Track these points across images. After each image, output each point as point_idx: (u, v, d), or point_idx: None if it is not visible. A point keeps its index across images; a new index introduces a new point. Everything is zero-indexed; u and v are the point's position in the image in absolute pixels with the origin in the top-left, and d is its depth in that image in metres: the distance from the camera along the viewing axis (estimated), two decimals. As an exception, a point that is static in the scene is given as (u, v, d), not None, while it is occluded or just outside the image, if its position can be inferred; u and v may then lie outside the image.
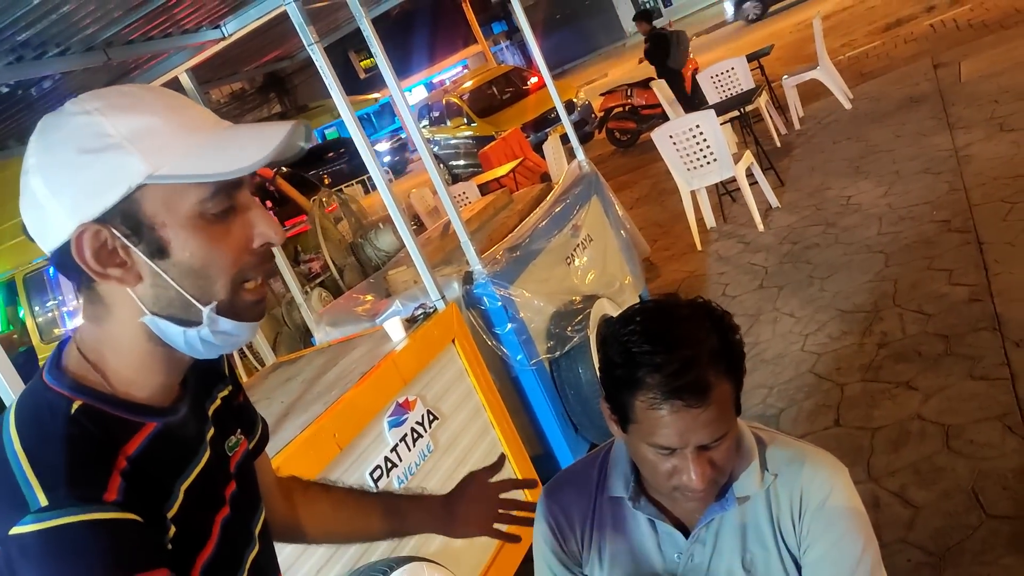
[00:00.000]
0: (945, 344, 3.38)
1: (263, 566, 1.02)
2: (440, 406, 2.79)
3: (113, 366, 0.87)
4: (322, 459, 2.25)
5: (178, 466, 0.89)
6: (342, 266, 4.90)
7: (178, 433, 0.91)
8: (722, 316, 1.18)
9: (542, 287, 3.46)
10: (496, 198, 4.52)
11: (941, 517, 2.49)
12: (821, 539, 1.22)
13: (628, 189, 8.51)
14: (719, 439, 1.14)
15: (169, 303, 0.84)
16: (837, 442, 3.07)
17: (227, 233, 0.84)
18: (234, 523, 0.95)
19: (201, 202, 0.82)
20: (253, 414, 1.18)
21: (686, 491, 1.17)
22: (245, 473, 1.04)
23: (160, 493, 0.85)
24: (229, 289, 0.85)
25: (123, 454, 0.82)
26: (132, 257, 0.82)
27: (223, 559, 0.91)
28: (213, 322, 0.85)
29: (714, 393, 1.11)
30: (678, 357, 1.11)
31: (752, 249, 5.48)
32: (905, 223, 4.78)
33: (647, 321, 1.16)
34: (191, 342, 0.86)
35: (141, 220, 0.81)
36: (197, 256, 0.82)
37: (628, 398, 1.15)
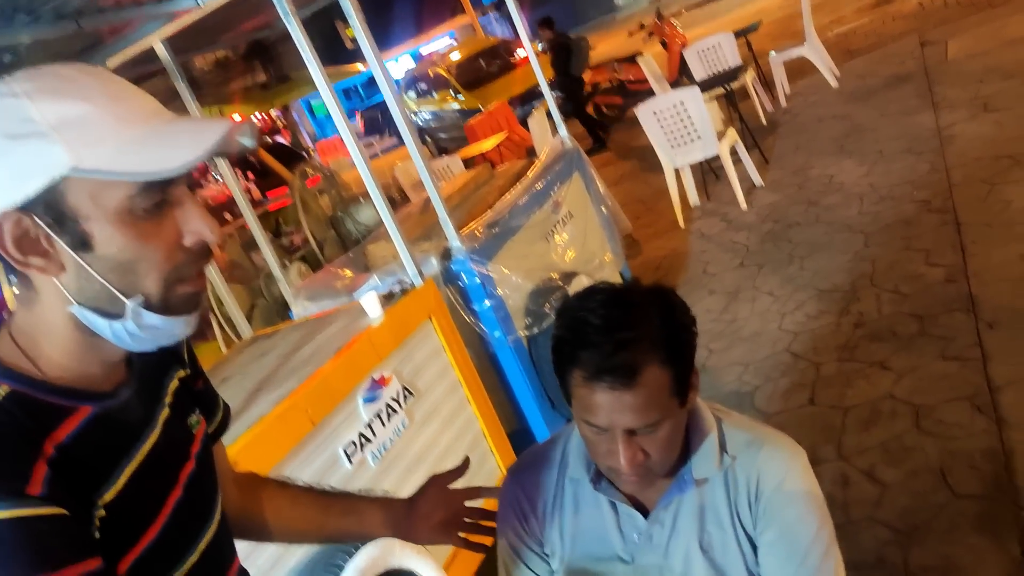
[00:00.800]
0: (919, 324, 3.41)
1: (219, 545, 1.01)
2: (416, 382, 2.79)
3: (46, 351, 0.85)
4: (295, 435, 2.25)
5: (119, 450, 0.88)
6: (322, 240, 4.88)
7: (118, 417, 0.89)
8: (676, 305, 1.19)
9: (521, 264, 3.46)
10: (477, 173, 4.50)
11: (909, 496, 2.52)
12: (776, 521, 1.23)
13: (612, 165, 8.50)
14: (649, 427, 1.14)
15: (95, 295, 0.82)
16: (810, 420, 3.10)
17: (157, 229, 0.82)
18: (188, 504, 0.95)
19: (130, 197, 0.79)
20: (214, 400, 1.18)
21: (617, 474, 1.19)
22: (205, 454, 1.04)
23: (94, 479, 0.84)
24: (160, 286, 0.83)
25: (51, 441, 0.80)
26: (55, 247, 0.80)
27: (171, 540, 0.91)
28: (138, 316, 0.83)
29: (643, 378, 1.12)
30: (614, 338, 1.12)
31: (734, 227, 5.48)
32: (886, 203, 4.80)
33: (600, 301, 1.17)
34: (118, 335, 0.84)
35: (64, 212, 0.78)
36: (124, 252, 0.80)
37: (568, 374, 1.17)
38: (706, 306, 4.44)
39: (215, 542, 0.99)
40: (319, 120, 25.27)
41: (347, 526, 1.33)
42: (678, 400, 1.18)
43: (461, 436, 2.92)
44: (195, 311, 0.88)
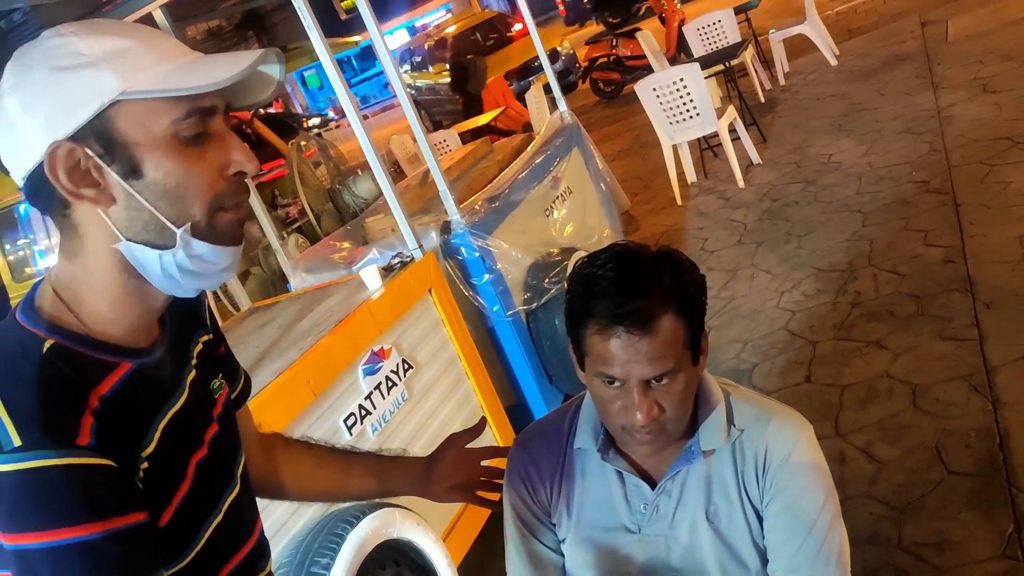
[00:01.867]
0: (917, 304, 3.42)
1: (242, 507, 1.03)
2: (415, 355, 2.79)
3: (88, 304, 0.87)
4: (296, 405, 2.26)
5: (154, 406, 0.89)
6: (319, 212, 4.86)
7: (153, 374, 0.91)
8: (683, 261, 1.21)
9: (520, 238, 3.45)
10: (476, 147, 4.48)
11: (904, 473, 2.55)
12: (783, 493, 1.24)
13: (610, 141, 8.47)
14: (664, 376, 1.15)
15: (144, 226, 0.84)
16: (807, 398, 3.12)
17: (201, 157, 0.84)
18: (211, 464, 0.96)
19: (175, 122, 0.82)
20: (235, 366, 1.18)
21: (633, 431, 1.19)
22: (227, 417, 1.05)
23: (135, 433, 0.85)
24: (205, 213, 0.85)
25: (96, 395, 0.81)
26: (105, 178, 0.82)
27: (199, 498, 0.92)
28: (187, 244, 0.85)
29: (659, 325, 1.13)
30: (627, 285, 1.15)
31: (732, 205, 5.48)
32: (884, 183, 4.80)
33: (612, 258, 1.19)
34: (167, 268, 0.85)
35: (115, 139, 0.81)
36: (171, 177, 0.83)
37: (582, 328, 1.18)
38: (704, 283, 4.44)
39: (237, 505, 1.00)
40: (311, 92, 25.10)
41: (368, 486, 1.36)
42: (691, 355, 1.20)
43: (459, 409, 2.93)
44: (239, 244, 0.90)
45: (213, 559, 0.95)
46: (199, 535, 0.92)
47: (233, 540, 1.00)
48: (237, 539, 1.01)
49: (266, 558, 1.08)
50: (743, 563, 1.26)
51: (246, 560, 1.01)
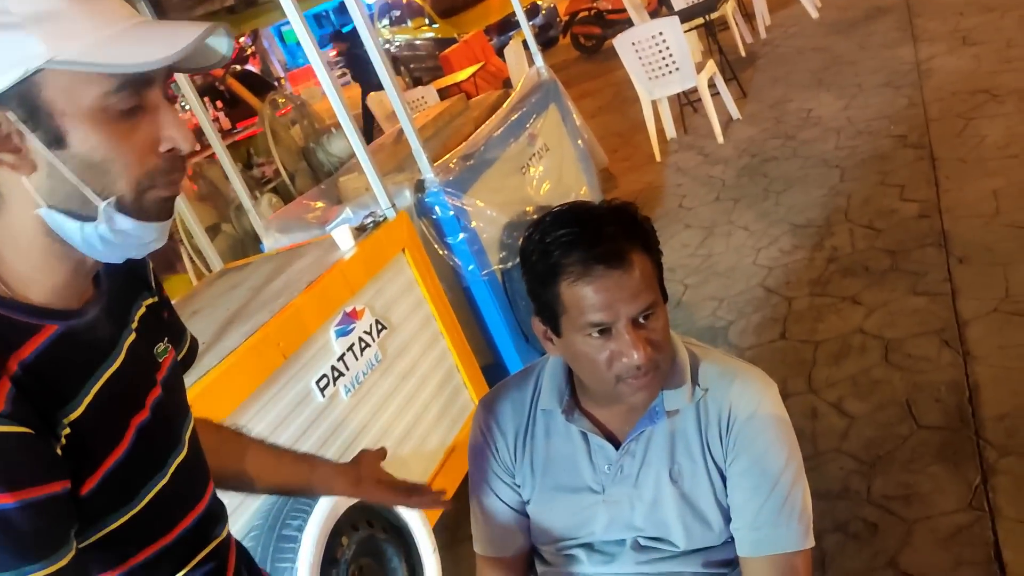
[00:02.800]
0: (892, 259, 3.43)
1: (190, 470, 1.01)
2: (389, 316, 2.77)
3: (10, 265, 0.83)
4: (266, 368, 2.24)
5: (85, 369, 0.87)
6: (293, 171, 4.80)
7: (85, 336, 0.88)
8: (629, 204, 1.23)
9: (496, 197, 3.42)
10: (452, 104, 4.41)
11: (874, 427, 2.57)
12: (746, 451, 1.24)
13: (590, 97, 8.39)
14: (648, 310, 1.16)
15: (66, 196, 0.80)
16: (782, 355, 3.14)
17: (132, 132, 0.80)
18: (153, 427, 0.94)
19: (105, 95, 0.77)
20: (180, 329, 1.15)
21: (630, 374, 1.17)
22: (173, 381, 1.03)
23: (61, 397, 0.83)
24: (133, 189, 0.81)
25: (16, 359, 0.79)
26: (27, 144, 0.78)
27: (140, 461, 0.90)
28: (110, 219, 0.81)
29: (633, 258, 1.15)
30: (589, 229, 1.15)
31: (711, 161, 5.46)
32: (863, 137, 4.79)
33: (561, 218, 1.18)
34: (88, 239, 0.82)
35: (39, 106, 0.76)
36: (97, 151, 0.78)
37: (553, 289, 1.17)
38: (682, 240, 4.44)
39: (185, 467, 0.99)
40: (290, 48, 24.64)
41: (299, 474, 1.34)
42: (662, 293, 1.21)
43: (434, 369, 2.92)
44: (168, 218, 0.86)
45: (157, 521, 0.94)
46: (139, 496, 0.90)
47: (180, 503, 0.98)
48: (184, 502, 0.99)
49: (222, 523, 1.07)
50: (706, 522, 1.26)
51: (196, 524, 1.00)
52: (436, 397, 2.89)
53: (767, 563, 1.22)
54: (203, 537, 1.02)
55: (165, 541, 0.95)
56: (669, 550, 1.28)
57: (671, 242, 4.44)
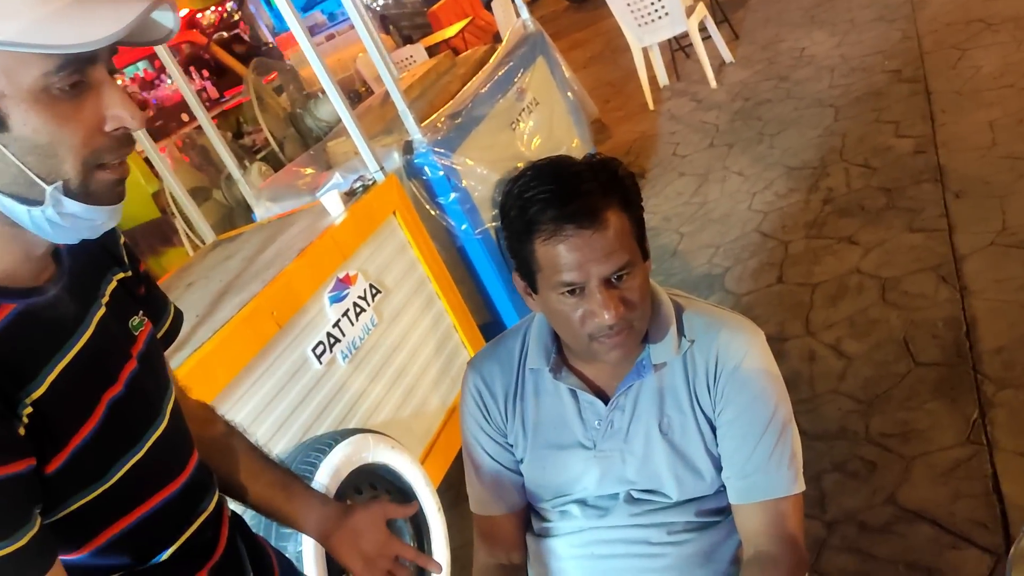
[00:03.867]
0: (888, 197, 3.41)
1: (170, 443, 1.00)
2: (383, 279, 2.77)
3: None
4: (261, 337, 2.24)
5: (47, 347, 0.86)
6: (282, 138, 4.75)
7: (46, 314, 0.87)
8: (612, 159, 1.21)
9: (486, 154, 3.39)
10: (439, 62, 4.36)
11: (872, 367, 2.57)
12: (734, 401, 1.24)
13: (581, 48, 8.28)
14: (622, 271, 1.15)
15: (11, 180, 0.79)
16: (779, 299, 3.13)
17: (76, 111, 0.78)
18: (128, 402, 0.93)
19: (46, 75, 0.75)
20: (161, 305, 1.14)
21: (601, 335, 1.17)
22: (150, 354, 1.02)
23: (22, 377, 0.82)
24: (80, 171, 0.80)
25: None
26: None
27: (111, 437, 0.90)
28: (58, 203, 0.80)
29: (607, 217, 1.13)
30: (565, 186, 1.14)
31: (704, 107, 5.40)
32: (857, 74, 4.73)
33: (539, 172, 1.17)
34: (37, 223, 0.81)
35: None
36: (41, 134, 0.77)
37: (528, 246, 1.16)
38: (677, 189, 4.41)
39: (164, 441, 0.98)
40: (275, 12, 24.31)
41: (271, 498, 1.24)
42: (641, 251, 1.19)
43: (432, 331, 2.92)
44: (118, 201, 0.85)
45: (133, 493, 0.93)
46: (112, 470, 0.90)
47: (157, 477, 0.98)
48: (163, 475, 0.99)
49: (209, 495, 1.07)
50: (697, 472, 1.27)
51: (179, 495, 1.00)
52: (435, 358, 2.90)
53: (758, 509, 1.23)
54: (189, 509, 1.02)
55: (143, 510, 0.95)
56: (662, 501, 1.29)
57: (666, 191, 4.42)
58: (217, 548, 1.06)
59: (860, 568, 2.00)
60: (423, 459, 2.60)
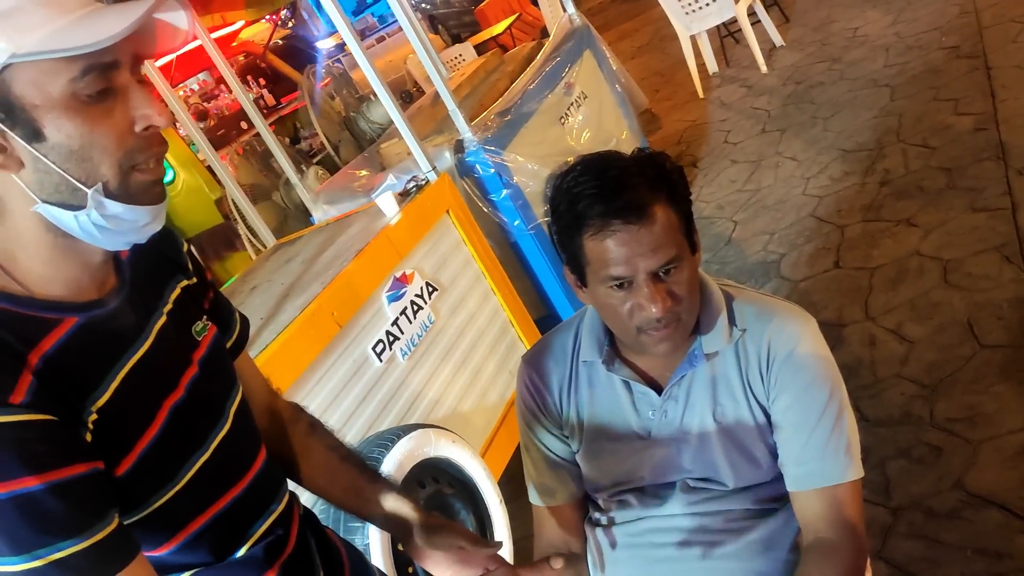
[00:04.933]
0: (948, 177, 3.33)
1: (235, 444, 1.04)
2: (439, 277, 2.82)
3: (23, 264, 0.87)
4: (322, 338, 2.31)
5: (109, 357, 0.91)
6: (337, 142, 4.85)
7: (108, 325, 0.92)
8: (659, 153, 1.22)
9: (536, 150, 3.41)
10: (486, 60, 4.39)
11: (935, 350, 2.53)
12: (789, 388, 1.24)
13: (629, 38, 8.24)
14: (669, 265, 1.16)
15: (55, 187, 0.83)
16: (836, 284, 3.09)
17: (106, 115, 0.83)
18: (189, 406, 0.97)
19: (72, 81, 0.80)
20: (228, 314, 1.18)
21: (649, 328, 1.19)
22: (214, 359, 1.06)
23: (86, 386, 0.87)
24: (117, 172, 0.84)
25: (37, 353, 0.83)
26: (10, 142, 0.82)
27: (176, 440, 0.94)
28: (100, 205, 0.84)
29: (654, 212, 1.14)
30: (613, 181, 1.15)
31: (755, 92, 5.33)
32: (913, 52, 4.62)
33: (587, 167, 1.19)
34: (84, 227, 0.85)
35: (12, 102, 0.80)
36: (74, 139, 0.81)
37: (577, 240, 1.18)
38: (729, 177, 4.38)
39: (229, 441, 1.02)
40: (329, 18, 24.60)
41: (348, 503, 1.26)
42: (689, 244, 1.20)
43: (488, 326, 2.96)
44: (159, 202, 0.89)
45: (205, 492, 0.98)
46: (182, 472, 0.94)
47: (226, 474, 1.02)
48: (230, 474, 1.03)
49: (279, 494, 1.11)
50: (753, 459, 1.28)
51: (247, 494, 1.04)
52: (492, 353, 2.93)
53: (815, 496, 1.23)
54: (260, 506, 1.06)
55: (216, 508, 0.99)
56: (719, 489, 1.30)
57: (718, 179, 4.38)
58: (288, 544, 1.10)
59: (927, 554, 1.98)
60: (484, 452, 2.65)
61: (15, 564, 0.78)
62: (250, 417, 1.11)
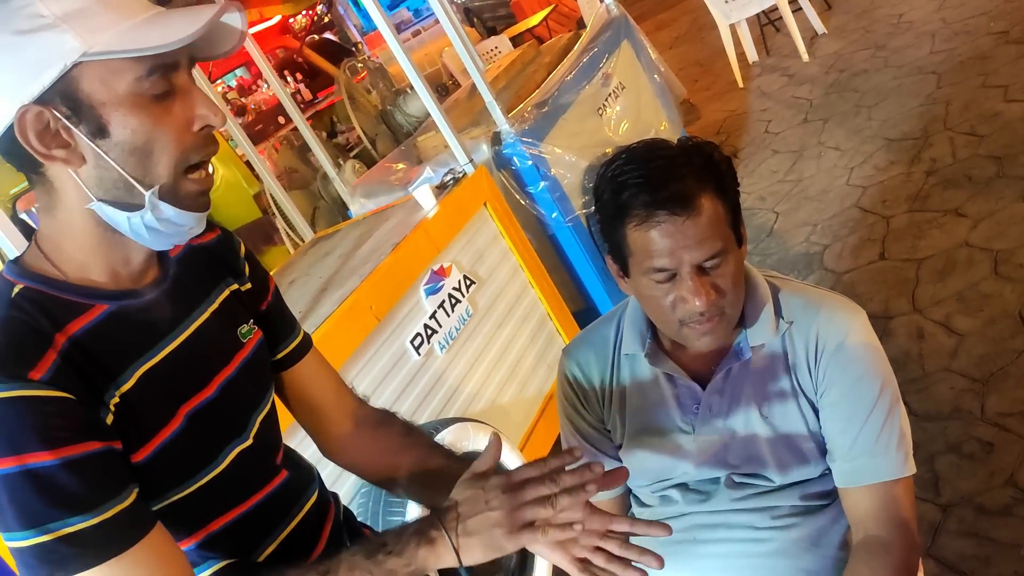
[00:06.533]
0: (997, 166, 3.24)
1: (255, 460, 1.03)
2: (477, 270, 2.81)
3: (66, 252, 0.90)
4: (361, 331, 2.31)
5: (139, 346, 0.92)
6: (374, 135, 4.86)
7: (139, 316, 0.93)
8: (707, 142, 1.19)
9: (574, 141, 3.39)
10: (523, 52, 4.37)
11: (986, 343, 2.46)
12: (838, 382, 1.21)
13: (666, 28, 8.15)
14: (714, 258, 1.13)
15: (113, 185, 0.86)
16: (882, 276, 3.02)
17: (166, 114, 0.86)
18: (214, 409, 0.97)
19: (137, 80, 0.83)
20: (286, 322, 1.17)
21: (692, 321, 1.17)
22: (254, 363, 1.05)
23: (105, 375, 0.88)
24: (172, 172, 0.87)
25: (64, 335, 0.85)
26: (74, 138, 0.84)
27: (189, 446, 0.94)
28: (155, 207, 0.87)
29: (700, 204, 1.11)
30: (659, 173, 1.12)
31: (796, 81, 5.24)
32: (960, 38, 4.51)
33: (634, 156, 1.16)
34: (136, 228, 0.88)
35: (80, 99, 0.83)
36: (138, 134, 0.84)
37: (620, 230, 1.16)
38: (770, 167, 4.31)
39: (248, 457, 1.01)
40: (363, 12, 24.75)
41: None
42: (735, 237, 1.18)
43: (526, 319, 2.95)
44: (204, 211, 0.92)
45: (218, 502, 0.98)
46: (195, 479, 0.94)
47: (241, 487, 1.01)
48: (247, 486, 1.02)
49: (304, 497, 1.10)
50: (801, 455, 1.24)
51: (266, 502, 1.03)
52: (530, 346, 2.92)
53: (867, 493, 1.20)
54: (280, 512, 1.06)
55: (234, 515, 0.99)
56: (765, 485, 1.27)
57: (759, 170, 4.32)
58: (318, 544, 1.10)
59: (978, 552, 1.92)
60: (522, 446, 2.63)
61: (25, 539, 0.79)
62: (275, 431, 1.10)
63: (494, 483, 0.91)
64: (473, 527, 0.89)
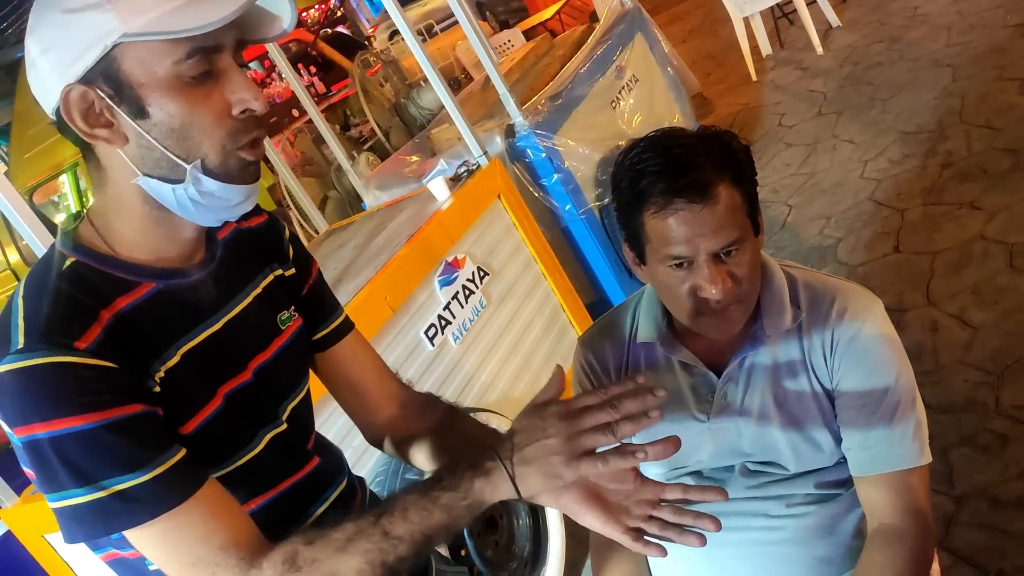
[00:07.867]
0: (1013, 159, 3.23)
1: (288, 444, 1.04)
2: (490, 262, 2.82)
3: (116, 229, 0.92)
4: (376, 322, 2.32)
5: (184, 325, 0.94)
6: (387, 128, 4.87)
7: (185, 296, 0.95)
8: (725, 132, 1.19)
9: (587, 134, 3.39)
10: (536, 45, 4.37)
11: (1000, 336, 2.45)
12: (854, 371, 1.21)
13: (680, 21, 8.13)
14: (731, 247, 1.14)
15: (156, 163, 0.87)
16: (896, 269, 3.02)
17: (206, 97, 0.86)
18: (251, 392, 0.99)
19: (176, 63, 0.84)
20: (329, 308, 1.18)
21: (708, 309, 1.17)
22: (291, 349, 1.07)
23: (151, 350, 0.89)
24: (217, 152, 0.87)
25: (110, 311, 0.87)
26: (117, 118, 0.86)
27: (228, 427, 0.96)
28: (197, 181, 0.88)
29: (718, 192, 1.12)
30: (677, 161, 1.13)
31: (810, 75, 5.22)
32: (976, 31, 4.48)
33: (652, 144, 1.17)
34: (181, 201, 0.89)
35: (121, 80, 0.84)
36: (176, 117, 0.85)
37: (638, 218, 1.17)
38: (784, 160, 4.29)
39: (281, 441, 1.03)
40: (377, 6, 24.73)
41: None
42: (752, 226, 1.18)
43: (540, 311, 2.96)
44: (253, 181, 0.92)
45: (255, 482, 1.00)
46: (231, 460, 0.96)
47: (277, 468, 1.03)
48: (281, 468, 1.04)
49: (336, 482, 1.11)
50: (816, 443, 1.25)
51: (300, 484, 1.05)
52: (543, 338, 2.93)
53: (882, 481, 1.20)
54: (310, 498, 1.07)
55: (268, 496, 1.01)
56: (779, 473, 1.28)
57: (772, 163, 4.31)
58: None
59: (992, 544, 1.92)
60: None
61: (80, 496, 0.81)
62: (308, 417, 1.12)
63: (552, 411, 0.87)
64: (530, 455, 0.85)
